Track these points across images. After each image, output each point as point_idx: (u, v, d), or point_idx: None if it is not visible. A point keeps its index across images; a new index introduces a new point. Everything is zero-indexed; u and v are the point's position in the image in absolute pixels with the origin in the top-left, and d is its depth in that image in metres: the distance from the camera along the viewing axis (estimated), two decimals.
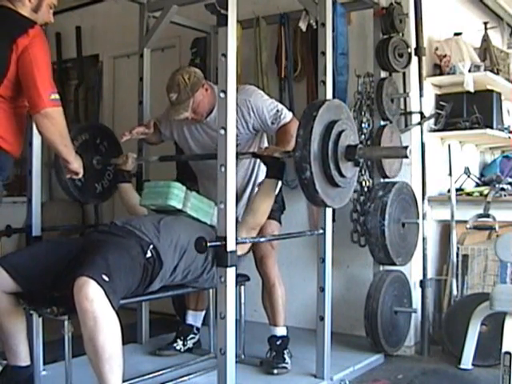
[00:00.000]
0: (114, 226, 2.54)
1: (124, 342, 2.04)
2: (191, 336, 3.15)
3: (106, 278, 2.03)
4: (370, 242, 3.15)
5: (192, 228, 2.55)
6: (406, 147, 2.49)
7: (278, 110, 2.81)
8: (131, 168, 3.02)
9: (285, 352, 2.92)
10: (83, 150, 2.96)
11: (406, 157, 2.51)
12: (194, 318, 3.18)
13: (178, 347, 3.11)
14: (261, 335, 3.07)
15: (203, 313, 3.23)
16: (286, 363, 2.87)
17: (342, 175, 2.46)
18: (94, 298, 1.97)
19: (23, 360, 2.37)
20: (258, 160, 2.86)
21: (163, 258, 2.37)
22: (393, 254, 3.14)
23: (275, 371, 2.81)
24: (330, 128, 2.40)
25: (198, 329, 3.19)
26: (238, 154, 2.55)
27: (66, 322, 2.13)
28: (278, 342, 2.95)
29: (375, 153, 2.93)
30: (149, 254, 2.33)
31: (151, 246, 2.35)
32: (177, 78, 2.78)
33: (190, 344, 3.14)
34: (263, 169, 2.83)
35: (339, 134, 2.43)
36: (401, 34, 3.36)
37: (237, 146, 2.30)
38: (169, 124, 3.06)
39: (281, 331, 2.98)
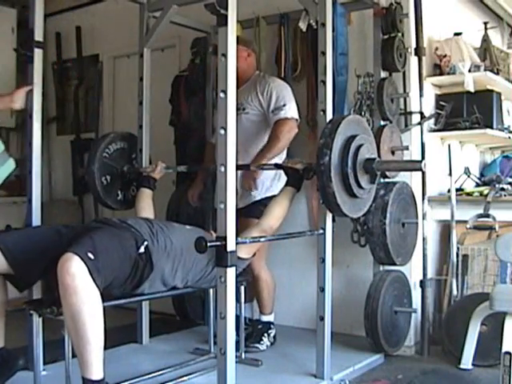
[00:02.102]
0: (111, 220, 2.54)
1: (124, 342, 2.04)
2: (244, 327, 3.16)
3: (91, 256, 2.02)
4: (371, 241, 3.15)
5: (184, 235, 2.54)
6: (421, 161, 2.52)
7: (284, 104, 3.04)
8: (158, 176, 3.14)
9: (263, 335, 3.11)
10: (117, 156, 3.18)
11: (421, 170, 2.56)
12: (246, 311, 3.27)
13: None
14: None
15: (248, 304, 3.35)
16: (261, 344, 3.09)
17: (357, 182, 2.52)
18: (76, 273, 1.95)
19: None
20: None
21: (154, 260, 2.34)
22: (393, 254, 3.14)
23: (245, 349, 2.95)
24: (354, 136, 2.53)
25: (250, 320, 3.33)
26: (261, 166, 2.96)
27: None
28: (260, 326, 3.16)
29: (391, 165, 3.01)
30: (141, 250, 2.31)
31: (145, 243, 2.34)
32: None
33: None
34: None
35: (360, 145, 2.53)
36: (400, 34, 3.36)
37: (244, 111, 3.05)
38: None
39: (266, 318, 3.18)
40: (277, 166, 2.84)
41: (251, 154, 3.10)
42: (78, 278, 1.95)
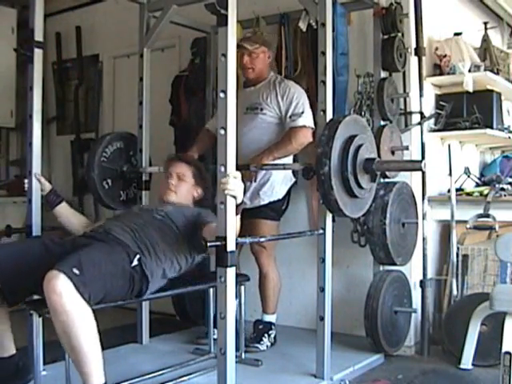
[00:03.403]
0: (98, 233, 2.51)
1: (124, 342, 2.04)
2: None
3: (77, 272, 2.01)
4: (372, 241, 3.15)
5: (161, 228, 2.54)
6: (421, 161, 2.52)
7: (302, 112, 3.01)
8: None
9: (264, 335, 3.09)
10: (116, 157, 3.17)
11: (421, 170, 2.55)
12: None
13: (215, 336, 3.10)
14: None
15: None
16: (261, 344, 3.07)
17: (358, 183, 2.52)
18: (62, 291, 1.95)
19: (7, 351, 2.40)
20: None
21: (149, 272, 2.35)
22: (393, 254, 3.14)
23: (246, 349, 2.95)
24: (352, 138, 2.52)
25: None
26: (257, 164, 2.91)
27: None
28: (261, 326, 3.15)
29: (391, 165, 3.01)
30: (135, 263, 2.31)
31: (137, 256, 2.33)
32: (258, 33, 3.15)
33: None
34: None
35: (360, 146, 2.53)
36: (400, 34, 3.35)
37: (262, 111, 3.03)
38: None
39: (268, 318, 3.17)
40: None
41: None
42: (64, 295, 1.95)
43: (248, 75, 3.19)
